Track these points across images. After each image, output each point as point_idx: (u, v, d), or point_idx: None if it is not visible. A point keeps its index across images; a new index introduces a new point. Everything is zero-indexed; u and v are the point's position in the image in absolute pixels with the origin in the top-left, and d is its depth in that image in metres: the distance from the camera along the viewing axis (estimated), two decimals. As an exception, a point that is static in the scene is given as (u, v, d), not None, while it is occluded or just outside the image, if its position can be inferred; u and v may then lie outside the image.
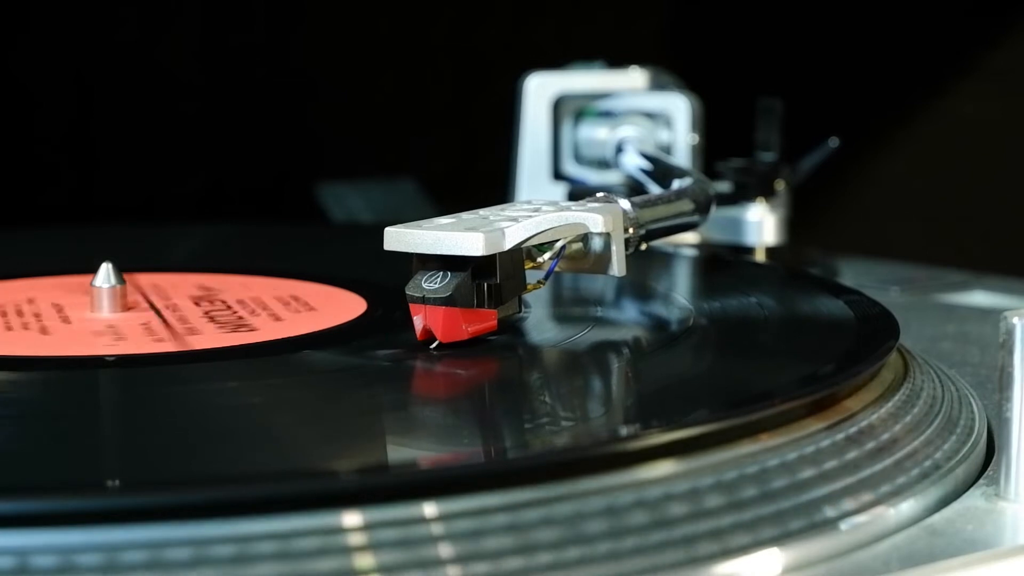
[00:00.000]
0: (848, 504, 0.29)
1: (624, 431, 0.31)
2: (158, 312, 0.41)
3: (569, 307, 0.44)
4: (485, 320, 0.36)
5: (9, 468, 0.28)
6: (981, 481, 0.32)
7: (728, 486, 0.28)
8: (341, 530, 0.25)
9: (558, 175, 0.58)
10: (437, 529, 0.26)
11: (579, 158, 0.58)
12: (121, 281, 0.41)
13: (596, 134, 0.57)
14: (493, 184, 0.62)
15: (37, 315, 0.41)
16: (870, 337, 0.37)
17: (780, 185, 0.57)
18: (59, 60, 0.77)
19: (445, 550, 0.25)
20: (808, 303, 0.43)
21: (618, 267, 0.38)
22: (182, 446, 0.29)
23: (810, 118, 0.61)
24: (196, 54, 0.80)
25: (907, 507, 0.30)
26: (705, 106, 0.57)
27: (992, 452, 0.33)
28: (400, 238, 0.36)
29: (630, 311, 0.44)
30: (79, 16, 0.77)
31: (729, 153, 0.58)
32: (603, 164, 0.57)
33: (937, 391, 0.36)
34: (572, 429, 0.30)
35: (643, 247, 0.41)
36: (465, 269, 0.35)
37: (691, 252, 0.53)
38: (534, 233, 0.36)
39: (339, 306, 0.42)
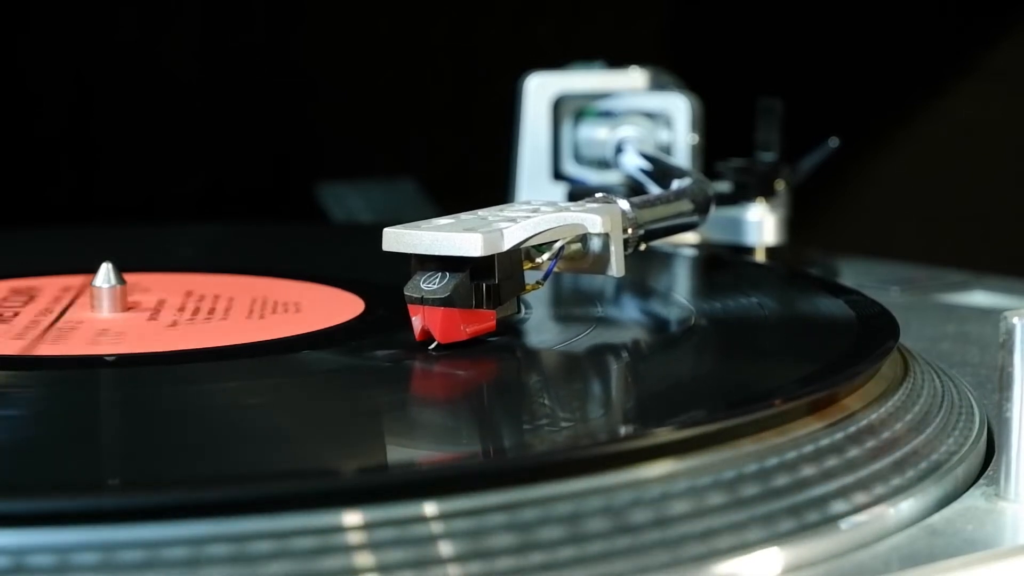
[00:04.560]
0: (848, 504, 0.29)
1: (623, 431, 0.31)
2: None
3: (569, 307, 0.44)
4: (484, 321, 0.36)
5: (8, 468, 0.28)
6: (981, 481, 0.32)
7: (728, 485, 0.28)
8: (340, 530, 0.25)
9: (558, 175, 0.58)
10: (436, 528, 0.26)
11: (579, 158, 0.58)
12: (121, 281, 0.41)
13: (596, 134, 0.57)
14: (493, 184, 0.62)
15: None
16: (870, 337, 0.37)
17: (780, 185, 0.57)
18: (59, 60, 0.77)
19: (444, 549, 0.25)
20: (808, 303, 0.43)
21: (617, 268, 0.38)
22: (181, 446, 0.29)
23: (810, 118, 0.61)
24: (196, 54, 0.80)
25: (907, 507, 0.30)
26: (705, 106, 0.57)
27: (992, 452, 0.33)
28: (399, 239, 0.36)
29: (630, 311, 0.44)
30: (79, 16, 0.77)
31: (729, 153, 0.58)
32: (603, 164, 0.57)
33: (937, 391, 0.36)
34: (571, 429, 0.30)
35: (642, 247, 0.41)
36: (463, 270, 0.35)
37: (691, 252, 0.53)
38: (532, 234, 0.36)
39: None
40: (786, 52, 0.86)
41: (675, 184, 0.46)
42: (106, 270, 0.41)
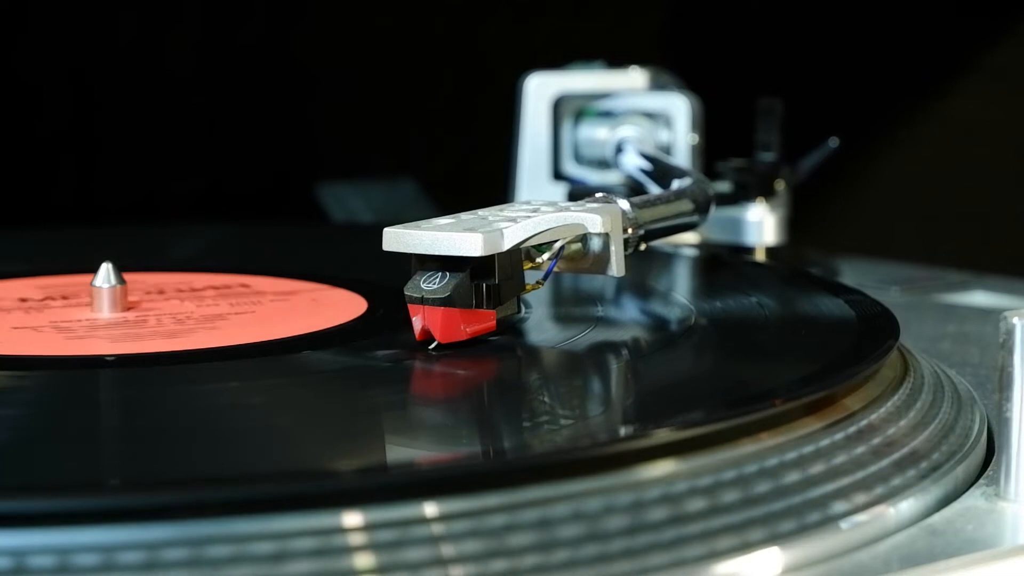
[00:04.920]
0: (848, 504, 0.29)
1: (623, 431, 0.31)
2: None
3: (569, 307, 0.44)
4: (484, 320, 0.36)
5: (8, 468, 0.28)
6: (981, 481, 0.32)
7: (728, 486, 0.28)
8: (340, 530, 0.25)
9: (558, 175, 0.58)
10: (436, 529, 0.26)
11: (579, 158, 0.58)
12: (121, 281, 0.41)
13: (596, 134, 0.57)
14: (493, 184, 0.62)
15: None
16: (870, 337, 0.37)
17: (780, 185, 0.57)
18: (59, 60, 0.77)
19: (444, 550, 0.25)
20: (808, 303, 0.43)
21: (617, 267, 0.38)
22: (181, 446, 0.29)
23: (810, 118, 0.61)
24: (196, 54, 0.80)
25: (907, 507, 0.30)
26: (705, 106, 0.57)
27: (992, 452, 0.33)
28: (399, 238, 0.36)
29: (630, 311, 0.44)
30: (79, 16, 0.77)
31: (729, 153, 0.58)
32: (603, 164, 0.57)
33: (937, 391, 0.36)
34: (571, 429, 0.30)
35: (642, 247, 0.41)
36: (464, 270, 0.35)
37: (691, 252, 0.53)
38: (533, 233, 0.36)
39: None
40: (786, 52, 0.86)
41: (675, 184, 0.46)
42: (106, 270, 0.41)
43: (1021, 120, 0.79)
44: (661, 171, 0.50)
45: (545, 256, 0.37)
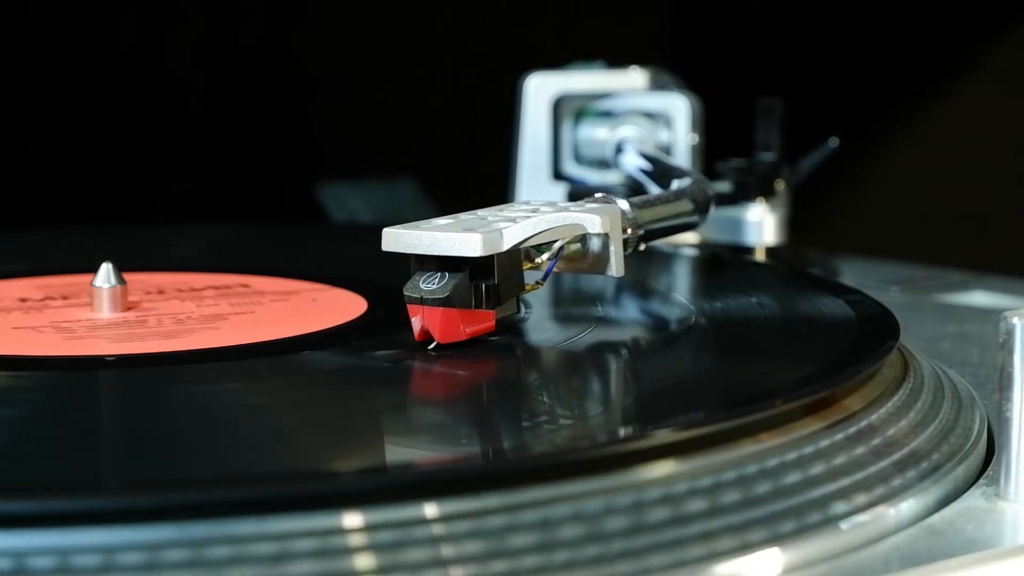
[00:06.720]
0: (848, 504, 0.29)
1: (623, 432, 0.31)
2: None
3: (569, 307, 0.44)
4: (483, 321, 0.36)
5: (8, 468, 0.28)
6: (981, 481, 0.32)
7: (728, 486, 0.28)
8: (339, 531, 0.25)
9: (558, 175, 0.58)
10: (435, 530, 0.26)
11: (579, 158, 0.58)
12: (121, 281, 0.41)
13: (596, 134, 0.57)
14: (493, 184, 0.62)
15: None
16: (870, 337, 0.37)
17: (780, 185, 0.57)
18: (59, 61, 0.77)
19: (443, 551, 0.25)
20: (808, 303, 0.43)
21: (616, 267, 0.38)
22: (181, 446, 0.29)
23: (810, 118, 0.61)
24: (196, 54, 0.80)
25: (907, 507, 0.30)
26: (705, 106, 0.57)
27: (992, 452, 0.33)
28: (398, 239, 0.36)
29: (630, 311, 0.44)
30: (79, 17, 0.77)
31: (729, 153, 0.58)
32: (603, 164, 0.57)
33: (937, 391, 0.36)
34: (570, 430, 0.30)
35: (642, 247, 0.41)
36: (463, 270, 0.35)
37: (691, 252, 0.53)
38: (532, 234, 0.36)
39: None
40: (786, 52, 0.86)
41: (675, 184, 0.46)
42: (106, 270, 0.41)
43: (1021, 120, 0.79)
44: (661, 171, 0.50)
45: (544, 256, 0.37)
